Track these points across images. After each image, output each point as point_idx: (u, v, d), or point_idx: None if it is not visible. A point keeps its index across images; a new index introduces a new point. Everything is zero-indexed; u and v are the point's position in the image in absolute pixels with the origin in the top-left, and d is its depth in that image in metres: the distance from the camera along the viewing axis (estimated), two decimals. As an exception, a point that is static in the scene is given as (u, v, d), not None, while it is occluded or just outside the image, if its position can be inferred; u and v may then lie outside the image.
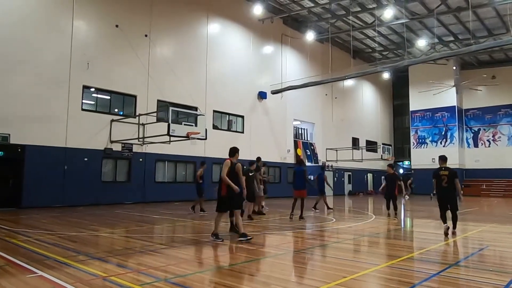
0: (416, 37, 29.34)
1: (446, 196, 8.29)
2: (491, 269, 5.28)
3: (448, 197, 8.27)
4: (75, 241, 7.20)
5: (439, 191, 8.34)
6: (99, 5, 17.31)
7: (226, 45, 23.31)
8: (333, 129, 31.45)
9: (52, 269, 4.89)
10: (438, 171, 8.45)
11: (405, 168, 39.99)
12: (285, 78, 26.26)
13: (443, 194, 8.32)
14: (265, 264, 5.72)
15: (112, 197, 16.88)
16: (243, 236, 7.27)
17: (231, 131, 23.29)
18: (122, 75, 17.93)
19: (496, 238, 8.47)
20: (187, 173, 20.66)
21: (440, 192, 8.35)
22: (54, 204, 14.96)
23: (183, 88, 20.31)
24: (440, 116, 36.31)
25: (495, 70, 34.67)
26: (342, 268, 5.41)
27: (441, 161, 8.67)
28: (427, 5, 24.31)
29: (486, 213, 16.26)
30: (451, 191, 8.22)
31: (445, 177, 8.23)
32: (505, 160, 34.14)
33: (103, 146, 16.96)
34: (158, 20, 19.44)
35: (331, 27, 27.68)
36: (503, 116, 35.42)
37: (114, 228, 9.46)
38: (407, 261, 5.79)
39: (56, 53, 15.67)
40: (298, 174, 11.81)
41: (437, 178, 8.33)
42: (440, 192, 8.34)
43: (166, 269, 5.06)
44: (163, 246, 6.84)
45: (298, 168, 11.98)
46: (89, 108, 16.96)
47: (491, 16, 25.55)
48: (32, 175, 14.62)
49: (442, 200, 8.38)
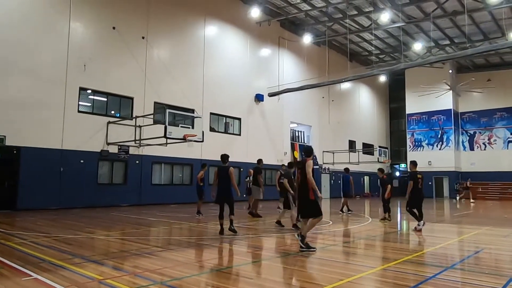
0: (413, 41, 29.50)
1: (422, 196, 9.69)
2: (486, 272, 5.30)
3: (422, 197, 9.72)
4: (70, 244, 7.16)
5: (417, 192, 9.50)
6: (96, 7, 17.29)
7: (223, 48, 23.34)
8: (329, 131, 31.52)
9: (48, 272, 4.86)
10: (415, 174, 9.61)
11: (401, 170, 40.11)
12: (282, 81, 26.32)
13: (420, 195, 9.65)
14: (261, 267, 5.71)
15: (108, 199, 16.82)
16: (306, 246, 6.51)
17: (228, 133, 23.29)
18: (119, 77, 17.90)
19: (491, 241, 8.51)
20: (183, 176, 20.62)
21: (418, 193, 9.56)
22: (50, 206, 14.88)
23: (180, 90, 20.30)
24: (436, 119, 36.49)
25: (491, 74, 34.92)
26: (339, 270, 5.41)
27: (414, 165, 10.01)
28: (423, 9, 24.47)
29: (481, 216, 16.32)
30: (422, 192, 9.71)
31: (420, 180, 9.47)
32: (500, 163, 34.33)
33: (99, 148, 16.91)
34: (155, 22, 19.45)
35: (328, 30, 27.79)
36: (498, 120, 35.64)
37: (110, 230, 9.41)
38: (404, 263, 5.80)
39: (52, 54, 15.63)
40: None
41: (414, 180, 9.44)
42: (418, 193, 9.58)
43: (163, 271, 5.05)
44: (160, 249, 6.82)
45: (294, 171, 12.26)
46: (86, 110, 16.91)
47: (486, 20, 25.74)
48: (27, 177, 14.54)
49: (420, 200, 9.63)
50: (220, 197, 8.55)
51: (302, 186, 6.56)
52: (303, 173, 6.49)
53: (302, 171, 6.50)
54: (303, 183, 6.51)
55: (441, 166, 35.31)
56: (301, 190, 6.61)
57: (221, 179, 8.49)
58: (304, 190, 6.55)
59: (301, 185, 6.57)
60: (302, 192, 6.59)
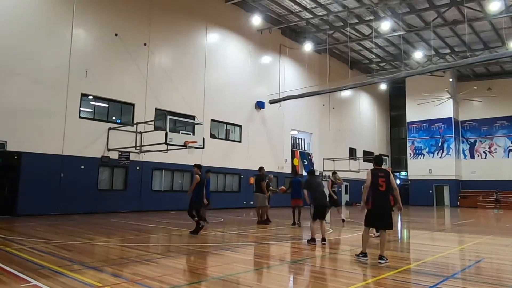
0: (413, 49, 29.63)
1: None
2: (487, 282, 5.27)
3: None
4: (70, 250, 7.14)
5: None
6: (98, 13, 17.43)
7: (225, 55, 23.47)
8: (330, 139, 31.53)
9: (47, 278, 4.84)
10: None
11: (401, 178, 40.04)
12: (283, 88, 26.40)
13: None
14: (261, 275, 5.69)
15: (108, 205, 16.79)
16: (362, 255, 6.56)
17: (229, 140, 23.32)
18: (121, 83, 17.98)
19: (492, 250, 8.47)
20: (184, 182, 20.60)
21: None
22: (50, 212, 14.86)
23: (181, 97, 20.37)
24: (437, 127, 36.51)
25: (491, 82, 35.01)
26: (339, 279, 5.39)
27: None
28: (424, 17, 24.61)
29: (482, 225, 16.26)
30: None
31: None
32: (501, 172, 34.27)
33: (100, 154, 16.92)
34: (157, 29, 19.58)
35: (329, 38, 27.94)
36: (499, 128, 35.66)
37: (110, 237, 9.39)
38: (404, 273, 5.77)
39: (54, 60, 15.71)
40: (295, 184, 12.64)
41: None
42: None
43: (162, 279, 5.03)
44: (159, 256, 6.80)
45: (295, 179, 12.96)
46: (87, 116, 16.96)
47: (486, 30, 25.88)
48: (28, 182, 14.53)
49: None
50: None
51: (387, 196, 6.51)
52: (388, 183, 6.43)
53: (387, 181, 6.42)
54: (387, 193, 6.46)
55: (441, 175, 35.26)
56: (386, 199, 6.52)
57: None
58: (389, 201, 6.53)
59: (387, 195, 6.50)
60: (387, 202, 6.54)
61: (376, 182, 6.36)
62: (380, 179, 6.39)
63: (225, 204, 20.90)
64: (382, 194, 6.37)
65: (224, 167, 22.16)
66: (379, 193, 6.36)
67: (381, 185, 6.35)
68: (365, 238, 6.55)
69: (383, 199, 6.39)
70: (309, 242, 8.46)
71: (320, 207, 8.65)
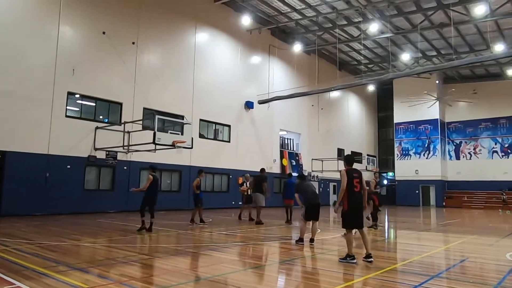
0: (401, 51, 30.00)
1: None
2: (471, 281, 5.37)
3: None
4: (55, 251, 7.03)
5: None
6: (86, 11, 17.20)
7: (214, 55, 23.39)
8: (318, 139, 31.70)
9: (31, 280, 4.76)
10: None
11: (389, 179, 40.50)
12: (272, 89, 26.45)
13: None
14: (249, 275, 5.69)
15: (95, 205, 16.58)
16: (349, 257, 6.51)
17: (218, 140, 23.26)
18: (108, 82, 17.78)
19: (476, 249, 8.63)
20: (172, 182, 20.47)
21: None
22: (35, 212, 14.60)
23: (170, 96, 20.24)
24: (423, 128, 37.05)
25: (477, 85, 35.66)
26: (326, 279, 5.42)
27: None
28: (411, 20, 24.94)
29: (467, 224, 16.55)
30: None
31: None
32: (485, 173, 34.93)
33: (86, 153, 16.70)
34: (146, 28, 19.41)
35: (318, 39, 28.09)
36: (483, 130, 36.35)
37: (96, 237, 9.28)
38: (390, 272, 5.84)
39: (41, 58, 15.45)
40: (288, 186, 13.19)
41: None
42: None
43: (149, 280, 4.99)
44: (146, 257, 6.74)
45: (289, 180, 13.58)
46: (73, 115, 16.72)
47: (472, 33, 26.36)
48: (12, 182, 14.26)
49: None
50: None
51: (361, 196, 6.60)
52: (361, 183, 6.55)
53: (361, 181, 6.54)
54: (361, 193, 6.57)
55: (427, 175, 35.79)
56: (361, 200, 6.61)
57: None
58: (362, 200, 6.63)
59: (361, 195, 6.59)
60: (361, 201, 6.63)
61: (351, 183, 6.45)
62: (355, 180, 6.49)
63: (214, 204, 20.83)
64: (357, 194, 6.48)
65: (213, 167, 22.08)
66: (354, 193, 6.47)
67: (356, 186, 6.47)
68: (349, 240, 6.55)
69: (357, 200, 6.50)
70: (297, 242, 8.50)
71: (312, 207, 8.72)
